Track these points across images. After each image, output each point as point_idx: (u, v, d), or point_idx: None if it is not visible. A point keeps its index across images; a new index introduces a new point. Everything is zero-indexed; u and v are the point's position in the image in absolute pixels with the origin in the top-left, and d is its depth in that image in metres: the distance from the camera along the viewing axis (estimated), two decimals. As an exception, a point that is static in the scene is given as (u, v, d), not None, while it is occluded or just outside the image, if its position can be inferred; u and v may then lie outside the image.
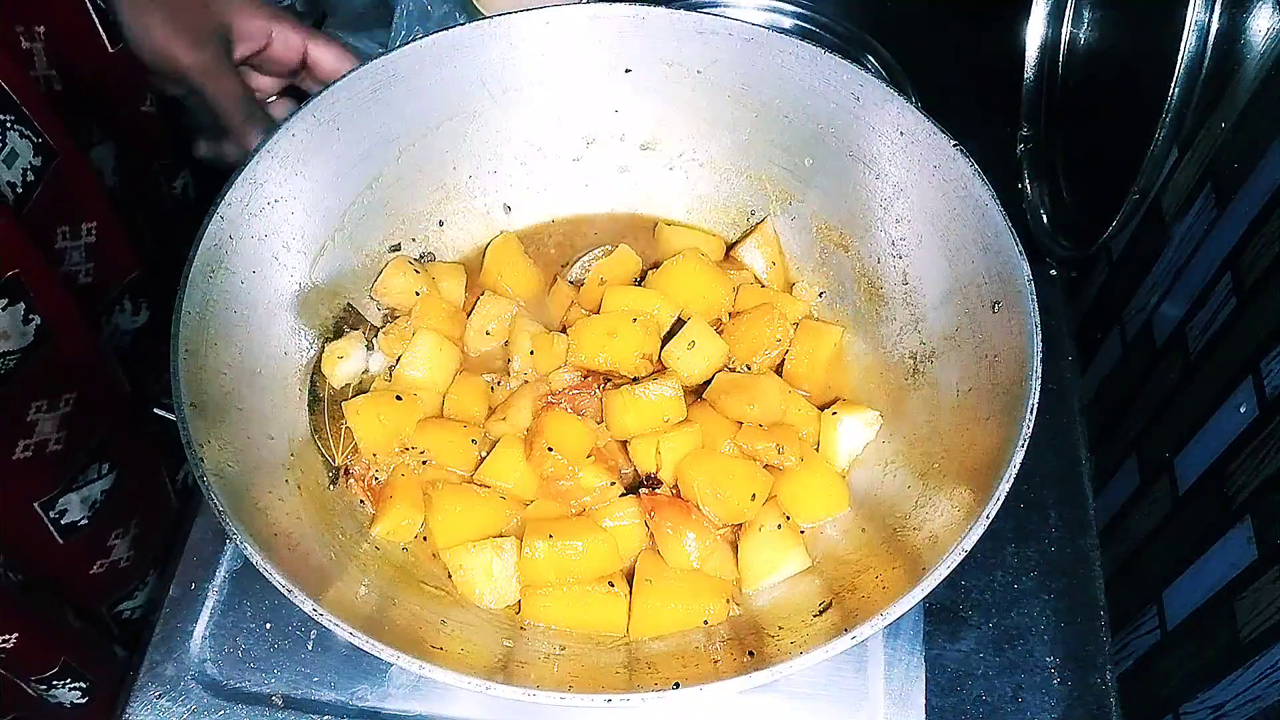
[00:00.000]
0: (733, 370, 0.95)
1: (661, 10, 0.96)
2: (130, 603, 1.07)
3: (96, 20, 0.92)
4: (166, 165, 1.14)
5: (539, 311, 1.02)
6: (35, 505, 0.88)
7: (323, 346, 0.93)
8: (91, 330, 0.95)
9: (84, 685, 0.97)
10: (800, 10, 1.34)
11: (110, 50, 0.94)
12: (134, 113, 1.03)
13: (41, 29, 0.86)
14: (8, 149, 0.79)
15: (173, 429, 1.03)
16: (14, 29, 0.83)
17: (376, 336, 0.97)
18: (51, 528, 0.91)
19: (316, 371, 0.92)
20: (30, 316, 0.81)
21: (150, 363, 1.06)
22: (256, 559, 0.67)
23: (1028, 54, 1.22)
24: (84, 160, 0.91)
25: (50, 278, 0.84)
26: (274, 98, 1.12)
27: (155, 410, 0.95)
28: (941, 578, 0.68)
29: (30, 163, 0.82)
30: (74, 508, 0.92)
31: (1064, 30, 1.19)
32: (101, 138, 0.97)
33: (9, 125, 0.79)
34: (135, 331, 1.04)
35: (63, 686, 0.95)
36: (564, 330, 0.97)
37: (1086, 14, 1.17)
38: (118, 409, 0.98)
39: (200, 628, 0.86)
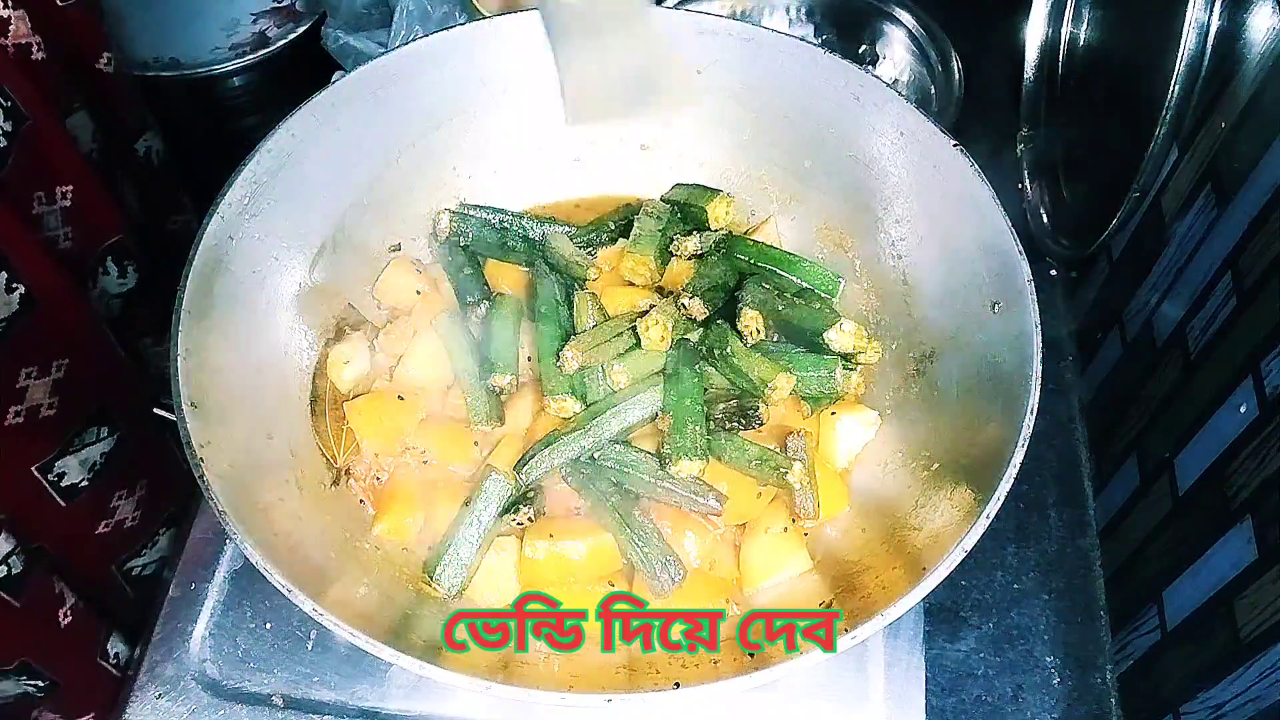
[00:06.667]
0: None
1: (661, 10, 0.96)
2: (139, 559, 1.07)
3: None
4: (133, 130, 1.13)
5: (539, 311, 1.01)
6: (33, 469, 0.88)
7: (324, 348, 0.93)
8: (79, 296, 0.94)
9: (40, 684, 0.97)
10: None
11: (60, 4, 0.93)
12: (92, 71, 1.02)
13: None
14: None
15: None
16: None
17: (378, 337, 0.97)
18: (52, 490, 0.91)
19: (318, 372, 0.92)
20: (13, 285, 0.81)
21: (141, 326, 1.06)
22: (256, 559, 0.67)
23: (1028, 54, 1.22)
24: (58, 124, 0.89)
25: (30, 245, 0.84)
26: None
27: (155, 410, 0.95)
28: (941, 578, 0.68)
29: (1, 127, 0.81)
30: (72, 470, 0.92)
31: (1064, 30, 1.19)
32: (81, 103, 0.96)
33: None
34: (125, 295, 1.03)
35: (17, 681, 0.95)
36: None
37: (1086, 14, 1.17)
38: (114, 372, 0.98)
39: (200, 628, 0.86)
